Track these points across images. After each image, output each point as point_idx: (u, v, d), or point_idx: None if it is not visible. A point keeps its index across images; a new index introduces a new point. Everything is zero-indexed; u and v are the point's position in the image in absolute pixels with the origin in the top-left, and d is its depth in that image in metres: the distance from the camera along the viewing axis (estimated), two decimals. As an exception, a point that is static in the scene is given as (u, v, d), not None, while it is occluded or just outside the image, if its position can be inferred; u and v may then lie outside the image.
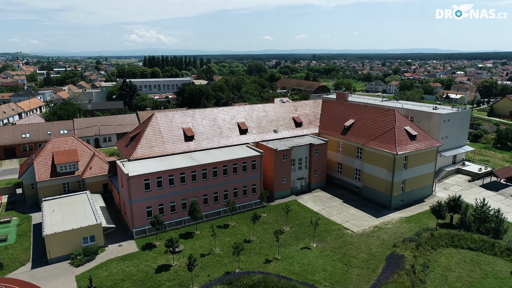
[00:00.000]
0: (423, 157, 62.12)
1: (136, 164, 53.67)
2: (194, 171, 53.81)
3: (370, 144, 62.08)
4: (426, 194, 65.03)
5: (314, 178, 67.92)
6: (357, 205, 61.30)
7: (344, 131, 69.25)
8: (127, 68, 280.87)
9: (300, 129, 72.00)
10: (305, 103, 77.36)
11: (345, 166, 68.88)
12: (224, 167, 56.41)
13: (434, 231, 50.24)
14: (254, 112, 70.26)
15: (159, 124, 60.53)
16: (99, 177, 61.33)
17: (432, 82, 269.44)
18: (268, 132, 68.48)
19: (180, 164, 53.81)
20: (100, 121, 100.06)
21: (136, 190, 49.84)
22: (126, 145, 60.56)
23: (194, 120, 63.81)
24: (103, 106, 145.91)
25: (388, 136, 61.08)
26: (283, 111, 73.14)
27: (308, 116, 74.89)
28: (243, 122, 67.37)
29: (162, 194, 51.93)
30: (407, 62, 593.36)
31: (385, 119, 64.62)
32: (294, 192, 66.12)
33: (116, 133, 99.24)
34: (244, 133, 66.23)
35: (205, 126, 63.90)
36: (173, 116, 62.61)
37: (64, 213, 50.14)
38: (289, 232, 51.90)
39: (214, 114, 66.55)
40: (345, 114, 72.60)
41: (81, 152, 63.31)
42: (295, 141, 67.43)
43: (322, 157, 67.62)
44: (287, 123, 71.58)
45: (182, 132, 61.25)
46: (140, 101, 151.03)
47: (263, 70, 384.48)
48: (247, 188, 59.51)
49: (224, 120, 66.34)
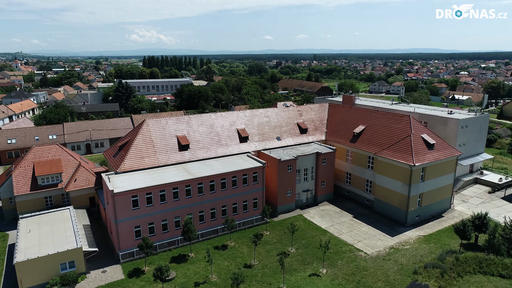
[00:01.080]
0: (442, 168, 56.36)
1: (123, 178, 47.95)
2: (188, 186, 48.12)
3: (383, 154, 56.36)
4: (444, 208, 59.29)
5: (321, 190, 62.21)
6: (369, 221, 55.55)
7: (354, 138, 63.51)
8: (125, 69, 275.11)
9: (306, 136, 66.27)
10: (310, 108, 71.63)
11: (355, 177, 63.14)
12: (222, 180, 50.71)
13: (459, 255, 44.46)
14: (255, 118, 64.54)
15: (150, 132, 54.83)
16: (84, 190, 55.70)
17: (437, 82, 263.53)
18: (270, 140, 62.77)
19: (173, 177, 48.10)
20: (92, 125, 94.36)
21: (123, 208, 44.15)
22: (114, 155, 54.86)
23: (189, 127, 58.09)
24: (98, 108, 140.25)
25: (404, 145, 55.33)
26: (287, 117, 67.41)
27: (314, 122, 69.15)
28: (243, 128, 61.64)
29: (152, 212, 46.23)
30: (409, 62, 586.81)
31: (400, 126, 58.86)
32: (299, 205, 60.43)
33: (109, 138, 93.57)
34: (245, 141, 60.52)
35: (201, 134, 58.20)
36: (166, 122, 56.88)
37: (42, 233, 44.43)
38: (295, 255, 46.16)
39: (212, 120, 60.82)
40: (354, 119, 66.84)
41: (65, 162, 57.65)
42: (300, 149, 61.72)
43: (329, 167, 61.91)
44: (291, 130, 65.86)
45: (176, 141, 55.54)
46: (137, 103, 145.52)
47: (264, 70, 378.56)
48: (247, 203, 53.82)
49: (223, 127, 60.63)
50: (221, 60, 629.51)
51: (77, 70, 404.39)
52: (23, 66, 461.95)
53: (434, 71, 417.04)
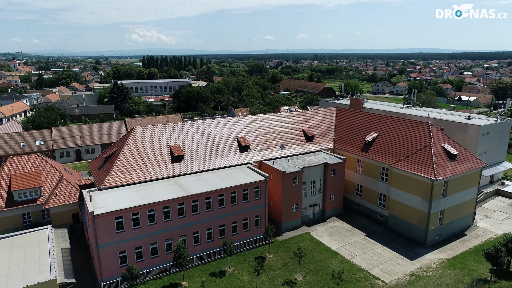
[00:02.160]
0: (465, 181, 50.54)
1: (107, 195, 42.19)
2: (181, 204, 42.36)
3: (399, 165, 50.54)
4: (467, 224, 53.50)
5: (330, 204, 56.46)
6: (384, 241, 49.74)
7: (365, 147, 57.71)
8: (123, 69, 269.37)
9: (312, 144, 60.48)
10: (316, 113, 65.83)
11: (367, 189, 57.36)
12: (220, 197, 44.95)
13: (492, 285, 38.71)
14: (256, 124, 58.75)
15: (140, 142, 49.04)
16: (67, 206, 49.90)
17: (441, 83, 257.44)
18: (273, 149, 56.97)
19: (164, 194, 42.33)
20: (82, 130, 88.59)
21: (105, 231, 38.42)
22: (99, 167, 49.09)
23: (183, 135, 52.28)
24: (92, 110, 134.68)
25: (423, 156, 49.51)
26: (291, 123, 61.62)
27: (321, 128, 63.36)
28: (244, 136, 55.84)
29: (140, 235, 40.49)
30: (411, 62, 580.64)
31: (417, 134, 53.04)
32: (306, 221, 54.66)
33: (100, 143, 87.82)
34: (245, 150, 54.73)
35: (197, 143, 52.39)
36: (158, 131, 51.08)
37: (13, 260, 38.61)
38: (303, 284, 40.35)
39: (209, 127, 55.02)
40: (365, 126, 61.04)
41: (46, 174, 51.88)
42: (306, 159, 55.93)
43: (339, 179, 56.14)
44: (296, 137, 60.07)
45: (169, 151, 49.74)
46: (133, 105, 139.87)
47: (264, 70, 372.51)
48: (248, 221, 48.04)
49: (221, 135, 54.84)
50: (221, 60, 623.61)
51: (75, 70, 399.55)
52: (21, 66, 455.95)
53: (437, 71, 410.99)
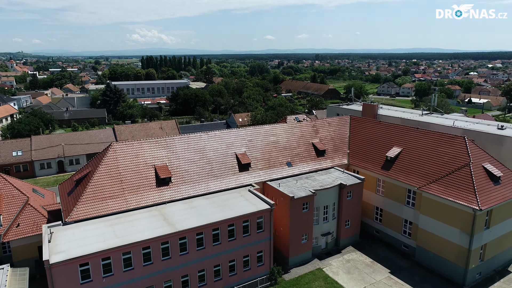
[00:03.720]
0: (510, 208, 42.03)
1: (73, 233, 33.73)
2: (166, 243, 33.94)
3: (432, 189, 42.02)
4: (509, 258, 44.98)
5: (345, 232, 47.98)
6: (413, 281, 41.17)
7: (387, 164, 49.16)
8: (120, 70, 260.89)
9: (324, 159, 51.96)
10: (327, 122, 57.29)
11: (388, 214, 48.84)
12: (215, 231, 36.50)
13: None
14: (259, 137, 50.23)
15: (118, 161, 40.56)
16: (31, 238, 41.44)
17: (448, 84, 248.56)
18: (279, 166, 48.46)
19: (145, 231, 33.88)
20: (66, 139, 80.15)
21: (65, 283, 29.98)
22: (69, 192, 40.62)
23: (172, 152, 43.77)
24: (82, 115, 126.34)
25: (461, 178, 40.98)
26: (299, 134, 53.11)
27: (334, 140, 54.85)
28: (244, 153, 47.33)
29: (112, 285, 32.05)
30: (414, 62, 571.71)
31: (452, 151, 44.50)
32: (317, 253, 46.18)
33: (85, 153, 79.34)
34: (246, 169, 46.22)
35: (188, 162, 43.85)
36: (141, 147, 42.55)
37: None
38: None
39: (203, 141, 46.48)
40: (385, 138, 52.51)
41: (8, 198, 43.46)
42: (318, 179, 47.41)
43: (356, 202, 47.66)
44: (305, 152, 51.55)
45: (154, 173, 41.25)
46: (126, 109, 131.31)
47: (265, 70, 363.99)
48: (249, 258, 39.58)
49: (217, 151, 46.32)
50: (222, 60, 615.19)
51: (74, 71, 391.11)
52: (18, 66, 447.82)
53: (442, 71, 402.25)
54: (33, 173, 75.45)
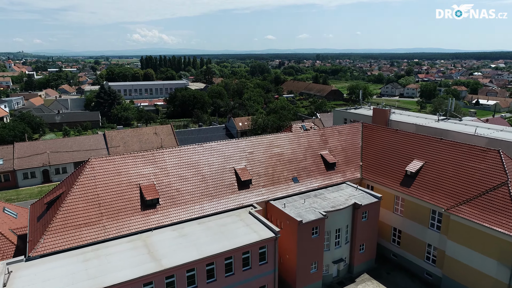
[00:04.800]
0: (554, 234, 36.08)
1: (35, 272, 27.80)
2: (149, 283, 28.05)
3: (462, 212, 36.10)
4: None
5: (359, 257, 42.09)
6: (441, 319, 35.35)
7: (406, 179, 43.24)
8: (118, 70, 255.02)
9: (334, 173, 46.04)
10: (337, 130, 51.35)
11: (408, 237, 42.91)
12: (209, 266, 30.61)
13: None
14: (261, 149, 44.30)
15: (96, 180, 34.66)
16: (-4, 269, 35.58)
17: (453, 84, 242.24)
18: (284, 182, 42.55)
19: (124, 269, 27.98)
20: (52, 146, 74.25)
21: None
22: (39, 216, 34.71)
23: (160, 169, 37.86)
24: (75, 118, 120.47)
25: (497, 200, 35.05)
26: (307, 145, 47.19)
27: (345, 151, 48.91)
28: (244, 167, 41.42)
29: (82, 337, 26.15)
30: (416, 62, 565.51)
31: (484, 166, 38.56)
32: (328, 282, 40.30)
33: (73, 161, 73.53)
34: (246, 186, 40.32)
35: (179, 179, 37.93)
36: (124, 163, 36.64)
37: None
38: None
39: (196, 155, 40.55)
40: (404, 150, 46.56)
41: (-29, 221, 37.58)
42: (328, 197, 41.50)
43: (372, 223, 41.79)
44: (313, 165, 45.62)
45: (139, 193, 35.35)
46: (121, 112, 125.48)
47: (266, 70, 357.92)
48: (250, 295, 33.72)
49: (213, 166, 40.40)
50: (222, 60, 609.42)
51: (73, 71, 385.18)
52: (16, 66, 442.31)
53: (445, 71, 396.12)
54: (15, 184, 69.66)
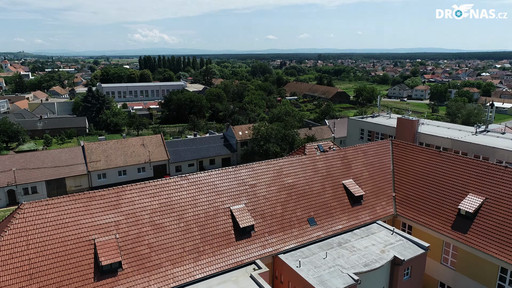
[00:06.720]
0: None
1: None
2: None
3: (553, 279, 25.39)
4: None
5: (398, 327, 31.41)
6: None
7: (460, 221, 32.51)
8: (113, 70, 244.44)
9: (361, 209, 35.34)
10: (362, 151, 40.60)
11: (463, 298, 32.22)
12: None
13: None
14: (265, 179, 33.55)
15: (29, 238, 23.99)
16: None
17: (462, 85, 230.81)
18: (297, 225, 31.88)
19: None
20: (20, 161, 63.58)
21: None
22: None
23: (124, 214, 27.09)
24: (59, 124, 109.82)
25: None
26: (325, 172, 36.49)
27: (373, 179, 38.21)
28: (244, 208, 30.72)
29: None
30: (420, 62, 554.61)
31: None
32: None
33: (45, 180, 63.01)
34: (246, 234, 29.61)
35: (151, 229, 27.19)
36: (72, 208, 25.90)
37: None
38: None
39: (178, 193, 29.80)
40: (452, 178, 35.79)
41: None
42: (357, 246, 30.82)
43: (416, 282, 31.09)
44: (334, 199, 34.94)
45: (93, 255, 24.68)
46: (110, 117, 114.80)
47: (268, 71, 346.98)
48: None
49: (201, 207, 29.68)
50: (223, 60, 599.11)
51: (70, 71, 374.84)
52: (12, 67, 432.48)
53: (452, 72, 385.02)
54: (-26, 207, 59.15)
